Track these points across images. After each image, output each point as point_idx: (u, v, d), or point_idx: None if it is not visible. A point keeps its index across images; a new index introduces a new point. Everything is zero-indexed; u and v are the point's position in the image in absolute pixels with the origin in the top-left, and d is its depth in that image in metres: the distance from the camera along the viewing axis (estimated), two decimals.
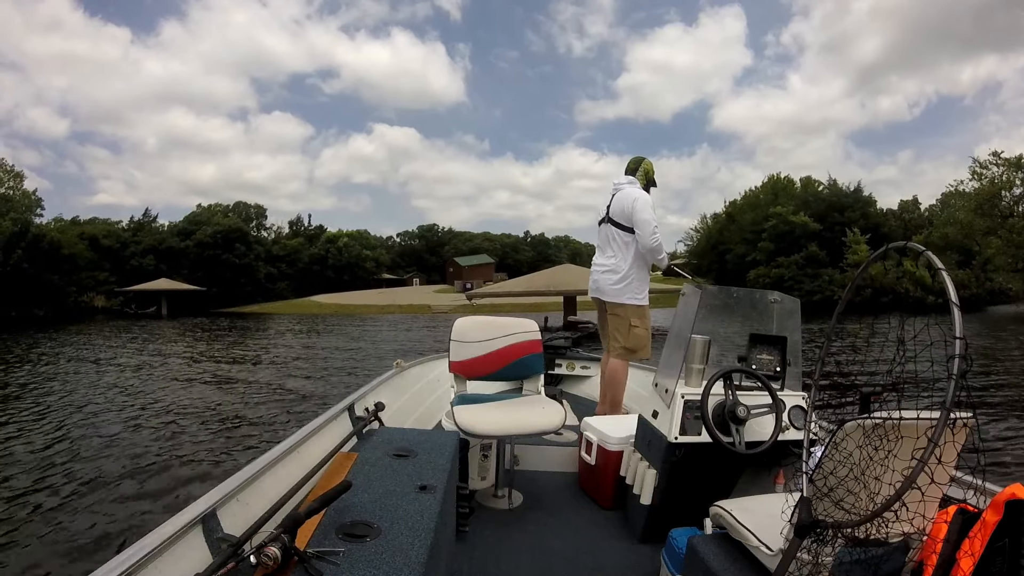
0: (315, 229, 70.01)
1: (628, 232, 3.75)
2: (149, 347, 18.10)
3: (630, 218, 3.70)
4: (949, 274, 1.17)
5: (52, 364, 13.84)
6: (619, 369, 3.78)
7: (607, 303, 3.87)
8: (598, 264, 3.92)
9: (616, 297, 3.80)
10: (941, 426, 1.06)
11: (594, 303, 4.10)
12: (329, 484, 1.64)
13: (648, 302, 3.85)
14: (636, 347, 3.77)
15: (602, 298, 3.89)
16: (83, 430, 7.20)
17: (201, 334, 23.44)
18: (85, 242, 43.93)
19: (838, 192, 45.39)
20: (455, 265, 77.19)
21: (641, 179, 3.88)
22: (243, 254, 50.96)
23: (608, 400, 3.79)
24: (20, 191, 42.58)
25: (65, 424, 7.53)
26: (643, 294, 3.82)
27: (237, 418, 7.90)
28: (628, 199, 3.72)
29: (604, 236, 3.89)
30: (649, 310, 3.88)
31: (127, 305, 42.51)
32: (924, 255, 1.24)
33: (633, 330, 3.76)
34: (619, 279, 3.77)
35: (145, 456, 5.99)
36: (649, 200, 3.75)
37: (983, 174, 33.45)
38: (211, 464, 5.79)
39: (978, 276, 33.50)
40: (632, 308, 3.78)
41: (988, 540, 1.20)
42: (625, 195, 3.75)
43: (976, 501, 1.32)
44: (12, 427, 7.37)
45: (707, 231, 53.17)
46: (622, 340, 3.78)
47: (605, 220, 3.87)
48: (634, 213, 3.68)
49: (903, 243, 1.31)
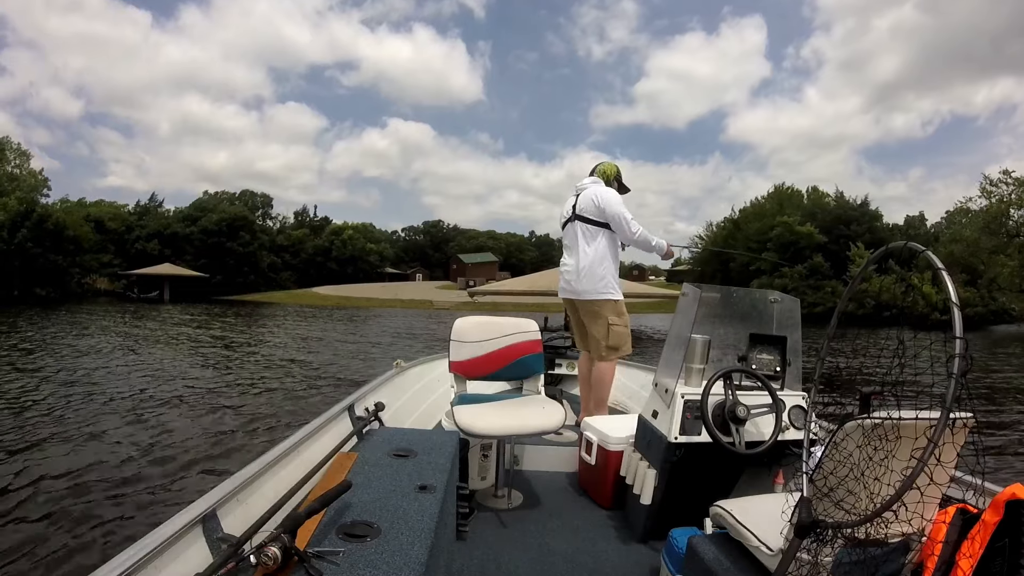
0: (320, 220, 70.08)
1: (598, 226, 3.65)
2: (144, 331, 18.15)
3: (600, 213, 3.63)
4: (949, 274, 1.17)
5: (45, 344, 13.87)
6: (607, 371, 3.70)
7: (581, 303, 3.76)
8: (567, 264, 3.80)
9: (590, 295, 3.67)
10: (941, 426, 1.06)
11: (565, 305, 3.98)
12: (329, 484, 1.64)
13: (622, 296, 3.75)
14: (619, 344, 3.67)
15: (575, 298, 3.77)
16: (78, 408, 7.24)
17: (203, 319, 23.52)
18: (91, 224, 44.00)
19: (845, 205, 45.30)
20: (459, 262, 77.18)
21: (601, 179, 3.82)
22: (247, 243, 50.98)
23: (593, 401, 3.72)
24: (27, 170, 42.77)
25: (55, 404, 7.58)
26: (617, 289, 3.70)
27: (229, 408, 7.93)
28: (592, 194, 3.66)
29: (571, 235, 3.76)
30: (624, 305, 3.76)
31: (130, 289, 42.54)
32: (924, 254, 1.24)
33: (613, 328, 3.64)
34: (591, 276, 3.65)
35: (134, 444, 6.01)
36: (616, 195, 3.68)
37: (992, 192, 33.34)
38: (197, 452, 5.81)
39: (983, 295, 33.38)
40: (609, 304, 3.66)
41: (988, 540, 1.21)
42: (590, 192, 3.69)
43: (976, 501, 1.33)
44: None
45: (712, 239, 53.07)
46: (603, 340, 3.66)
47: (571, 219, 3.76)
48: (605, 208, 3.61)
49: (903, 243, 1.31)
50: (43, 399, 7.85)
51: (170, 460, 5.54)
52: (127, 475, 5.11)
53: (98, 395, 8.16)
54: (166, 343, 15.37)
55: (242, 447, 6.02)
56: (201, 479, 5.06)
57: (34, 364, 10.76)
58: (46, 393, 8.24)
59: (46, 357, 11.69)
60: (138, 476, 5.10)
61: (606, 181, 3.82)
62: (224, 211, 51.55)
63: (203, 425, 6.86)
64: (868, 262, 1.52)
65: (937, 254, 1.22)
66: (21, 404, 7.52)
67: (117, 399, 7.97)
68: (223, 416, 7.32)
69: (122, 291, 42.72)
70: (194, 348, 14.54)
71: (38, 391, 8.37)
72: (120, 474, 5.12)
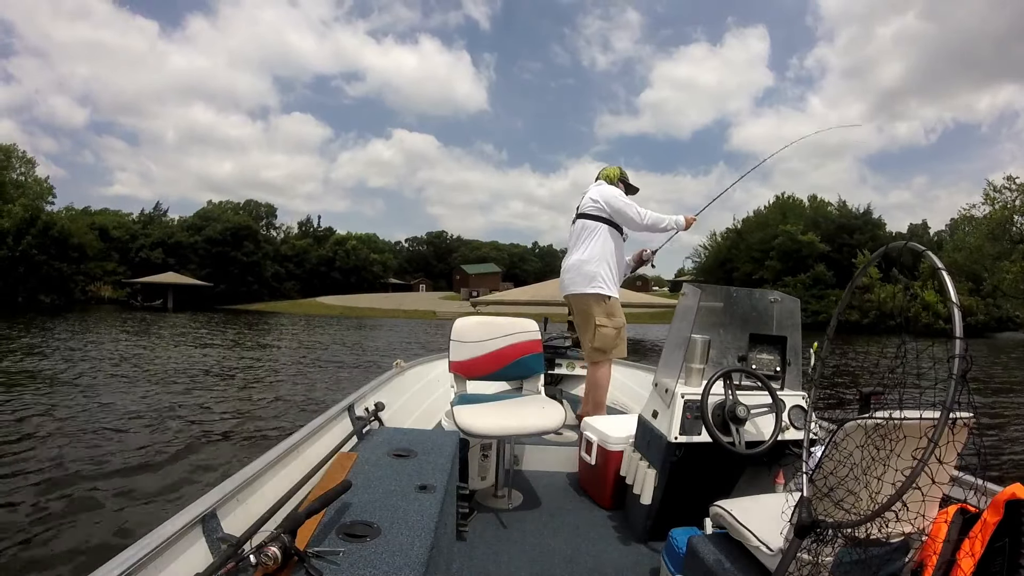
0: (324, 231, 70.37)
1: (597, 221, 3.66)
2: (151, 338, 18.20)
3: (601, 209, 3.64)
4: (949, 274, 1.17)
5: (49, 350, 13.91)
6: (599, 375, 3.65)
7: (572, 298, 3.72)
8: (565, 261, 3.80)
9: (579, 288, 3.62)
10: (941, 426, 1.06)
11: (567, 304, 3.93)
12: (329, 484, 1.63)
13: (618, 295, 3.68)
14: (604, 347, 3.60)
15: (566, 293, 3.73)
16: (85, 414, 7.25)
17: (206, 327, 23.56)
18: (95, 232, 44.31)
19: (847, 214, 45.32)
20: (462, 273, 77.36)
21: (605, 181, 3.85)
22: (251, 252, 51.30)
23: (591, 402, 3.70)
24: (32, 177, 43.04)
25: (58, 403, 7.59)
26: (609, 287, 3.62)
27: (232, 410, 7.94)
28: (593, 192, 3.71)
29: (575, 233, 3.76)
30: (619, 307, 3.69)
31: (134, 297, 42.77)
32: (925, 255, 1.25)
33: (600, 330, 3.58)
34: (581, 270, 3.62)
35: (138, 449, 6.00)
36: (616, 189, 3.72)
37: (996, 198, 33.29)
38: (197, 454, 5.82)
39: (986, 303, 33.26)
40: (597, 301, 3.59)
41: (988, 540, 1.20)
42: (592, 191, 3.74)
43: (976, 501, 1.32)
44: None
45: (716, 248, 53.08)
46: (590, 341, 3.62)
47: (575, 219, 3.80)
48: (608, 202, 3.63)
49: (903, 243, 1.32)
50: (53, 404, 7.84)
51: (172, 461, 5.55)
52: (128, 475, 5.12)
53: (105, 400, 8.16)
54: (175, 350, 15.40)
55: (246, 449, 6.03)
56: (201, 479, 5.08)
57: (42, 368, 10.78)
58: (56, 397, 8.24)
59: (56, 363, 11.69)
60: (140, 476, 5.13)
61: (609, 182, 3.85)
62: (228, 220, 51.91)
63: (207, 428, 6.87)
64: (867, 263, 1.53)
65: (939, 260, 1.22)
66: (27, 408, 7.53)
67: (123, 406, 7.96)
68: (226, 421, 7.33)
69: (126, 299, 42.93)
70: (205, 355, 14.56)
71: (47, 394, 8.38)
72: (121, 474, 5.14)
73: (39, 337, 16.97)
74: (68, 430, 6.52)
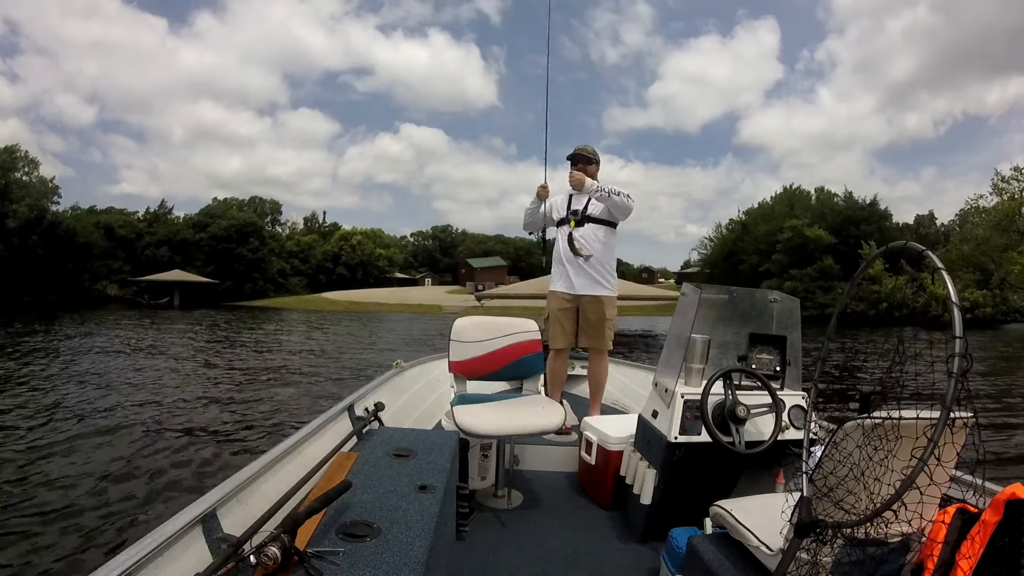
0: (329, 226, 70.47)
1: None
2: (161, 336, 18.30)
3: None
4: (949, 274, 1.17)
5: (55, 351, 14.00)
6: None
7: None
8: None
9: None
10: (941, 425, 1.05)
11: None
12: (329, 484, 1.64)
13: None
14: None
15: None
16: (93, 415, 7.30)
17: (213, 325, 23.68)
18: (101, 231, 44.49)
19: (854, 205, 45.00)
20: (467, 267, 77.24)
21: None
22: (256, 248, 51.37)
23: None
24: (36, 177, 43.16)
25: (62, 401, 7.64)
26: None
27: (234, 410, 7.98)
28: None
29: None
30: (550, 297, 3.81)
31: (140, 295, 42.97)
32: (924, 254, 1.24)
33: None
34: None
35: (145, 447, 6.04)
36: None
37: (1004, 189, 33.06)
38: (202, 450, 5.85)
39: (994, 295, 33.06)
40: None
41: (988, 540, 1.19)
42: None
43: (976, 501, 1.31)
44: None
45: (721, 241, 52.85)
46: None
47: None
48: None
49: (903, 243, 1.31)
50: (61, 401, 7.92)
51: (172, 461, 5.57)
52: (128, 475, 5.15)
53: (106, 400, 8.20)
54: (187, 347, 15.50)
55: (249, 448, 6.05)
56: (202, 479, 5.09)
57: (48, 367, 10.86)
58: (67, 395, 8.32)
59: (65, 361, 11.79)
60: (140, 476, 5.15)
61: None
62: (233, 217, 52.04)
63: (213, 427, 6.91)
64: (866, 263, 1.52)
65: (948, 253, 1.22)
66: (34, 407, 7.59)
67: (136, 402, 8.04)
68: (226, 422, 7.37)
69: (132, 297, 43.11)
70: (216, 352, 14.68)
71: (55, 393, 8.45)
72: (121, 474, 5.16)
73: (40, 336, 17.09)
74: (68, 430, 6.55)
